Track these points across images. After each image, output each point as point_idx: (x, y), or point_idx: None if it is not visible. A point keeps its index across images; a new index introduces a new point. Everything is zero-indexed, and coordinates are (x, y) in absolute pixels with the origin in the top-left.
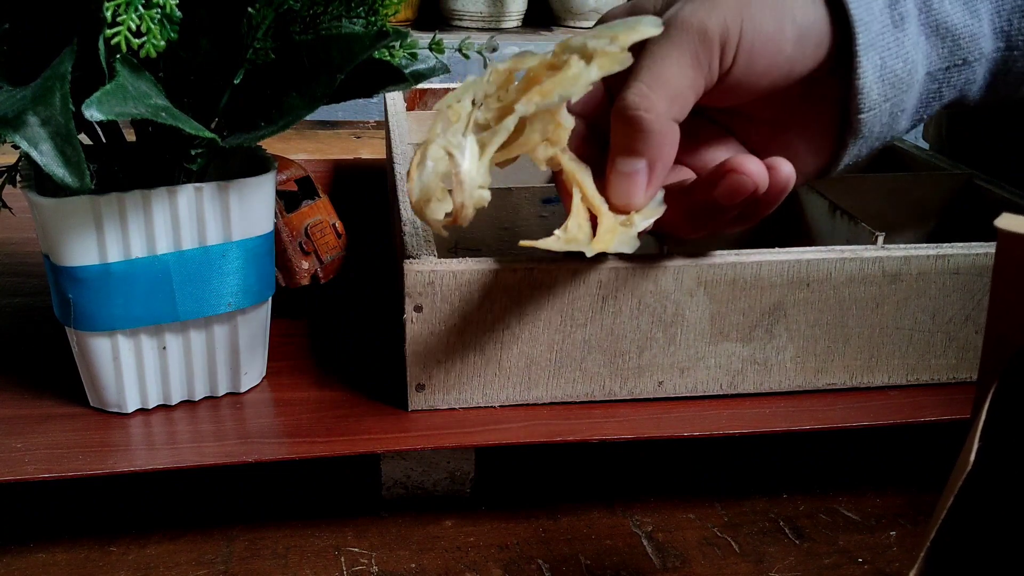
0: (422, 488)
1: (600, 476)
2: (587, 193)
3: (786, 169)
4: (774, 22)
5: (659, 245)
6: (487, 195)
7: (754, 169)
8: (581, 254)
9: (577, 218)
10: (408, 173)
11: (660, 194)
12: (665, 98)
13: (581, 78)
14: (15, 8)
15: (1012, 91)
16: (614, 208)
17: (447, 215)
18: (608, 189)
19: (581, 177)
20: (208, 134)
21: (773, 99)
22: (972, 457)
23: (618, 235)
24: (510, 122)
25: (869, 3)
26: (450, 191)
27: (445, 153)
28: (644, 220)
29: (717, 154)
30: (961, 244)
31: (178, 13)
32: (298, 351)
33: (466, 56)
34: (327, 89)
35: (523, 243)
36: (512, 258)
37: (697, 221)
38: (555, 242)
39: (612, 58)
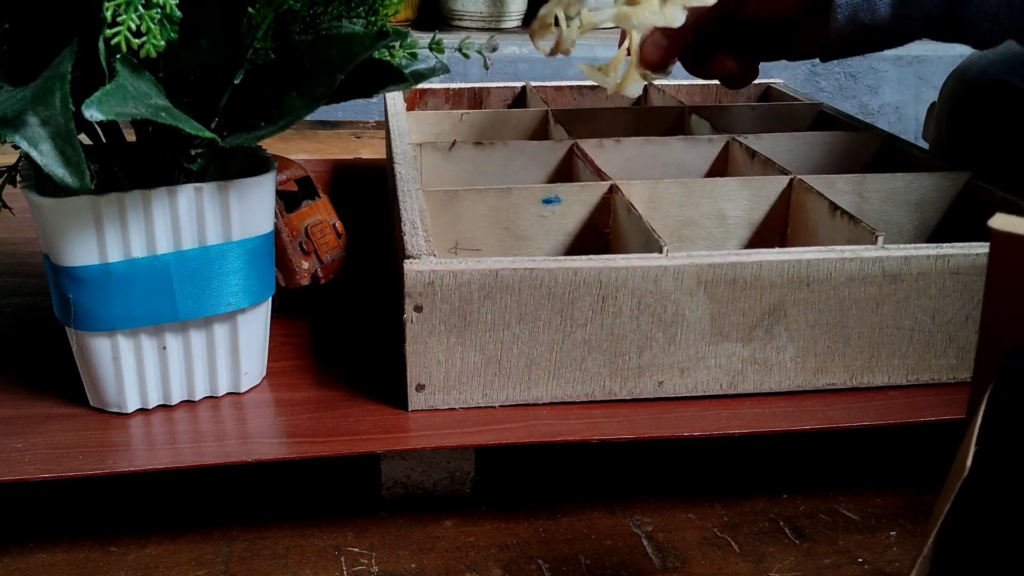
0: (422, 488)
1: (600, 476)
2: (633, 43)
3: (751, 75)
4: None
5: (660, 245)
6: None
7: (731, 66)
8: (581, 256)
9: (616, 61)
10: (538, 16)
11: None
12: (691, 15)
13: (651, 19)
14: (15, 8)
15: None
16: (642, 60)
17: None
18: (644, 48)
19: (636, 34)
20: (208, 134)
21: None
22: (968, 461)
23: (634, 80)
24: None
25: None
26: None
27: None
28: (654, 77)
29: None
30: (961, 244)
31: (178, 13)
32: (298, 351)
33: (466, 56)
34: (327, 89)
35: (582, 66)
36: (512, 258)
37: (687, 65)
38: (593, 71)
39: (672, 14)
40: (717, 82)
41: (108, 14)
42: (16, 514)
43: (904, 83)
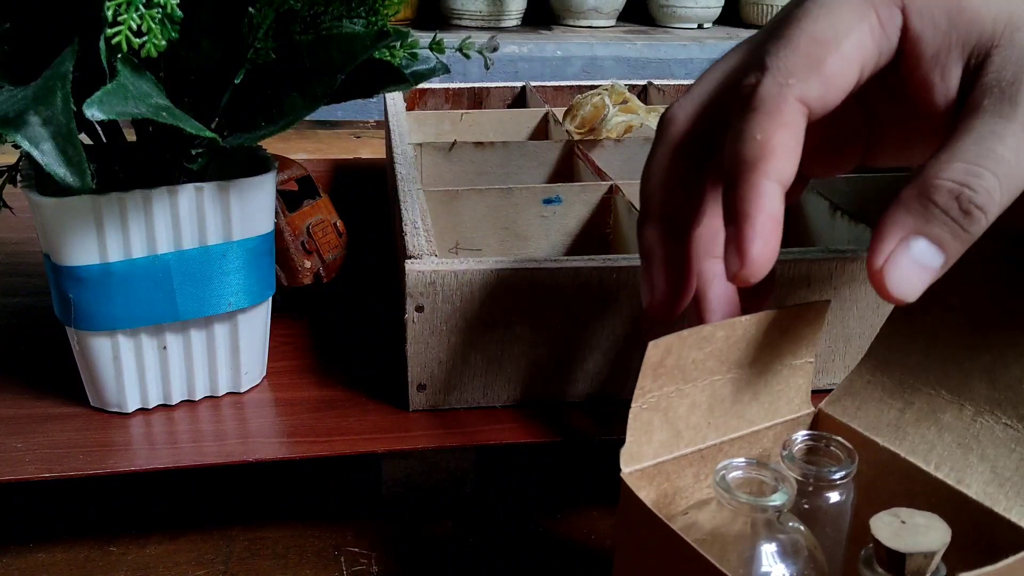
0: (422, 488)
1: (601, 476)
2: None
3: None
4: None
5: None
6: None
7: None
8: (582, 256)
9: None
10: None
11: None
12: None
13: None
14: (16, 8)
15: None
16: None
17: None
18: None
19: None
20: (209, 134)
21: None
22: None
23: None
24: None
25: None
26: None
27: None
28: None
29: None
30: None
31: (179, 13)
32: (299, 351)
33: (467, 56)
34: (328, 89)
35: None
36: (513, 258)
37: None
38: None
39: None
40: None
41: (109, 13)
42: (16, 514)
43: None
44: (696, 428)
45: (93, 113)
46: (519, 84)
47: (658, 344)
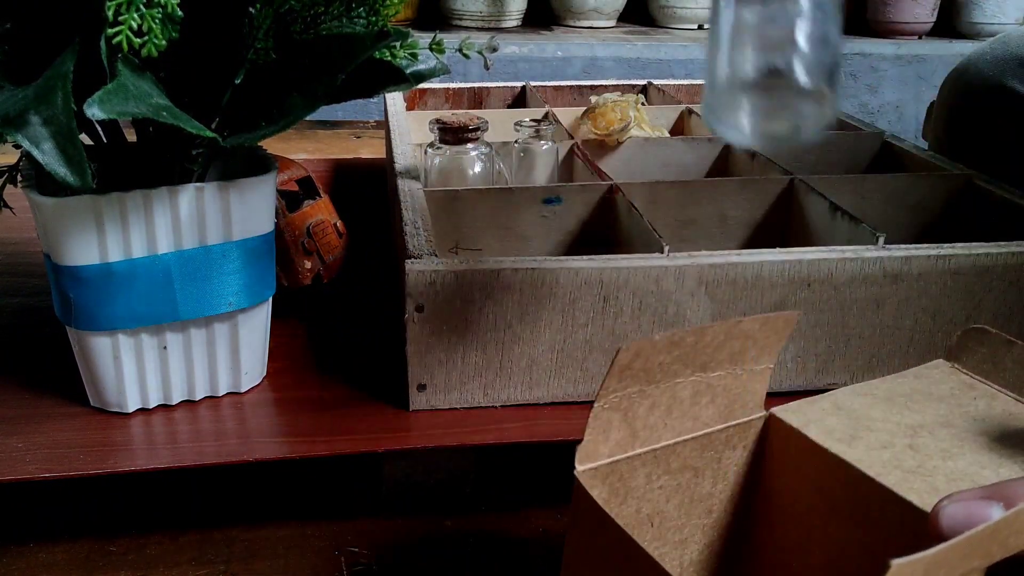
0: (422, 488)
1: None
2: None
3: None
4: None
5: (661, 245)
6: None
7: None
8: (582, 256)
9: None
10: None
11: None
12: None
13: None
14: (16, 8)
15: None
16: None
17: None
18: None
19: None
20: (209, 133)
21: None
22: None
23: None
24: None
25: None
26: None
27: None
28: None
29: None
30: (961, 244)
31: (179, 13)
32: (299, 351)
33: (466, 56)
34: (328, 89)
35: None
36: (513, 258)
37: None
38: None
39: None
40: None
41: (110, 13)
42: (16, 514)
43: (904, 82)
44: (652, 428)
45: (94, 113)
46: (519, 84)
47: (629, 348)
